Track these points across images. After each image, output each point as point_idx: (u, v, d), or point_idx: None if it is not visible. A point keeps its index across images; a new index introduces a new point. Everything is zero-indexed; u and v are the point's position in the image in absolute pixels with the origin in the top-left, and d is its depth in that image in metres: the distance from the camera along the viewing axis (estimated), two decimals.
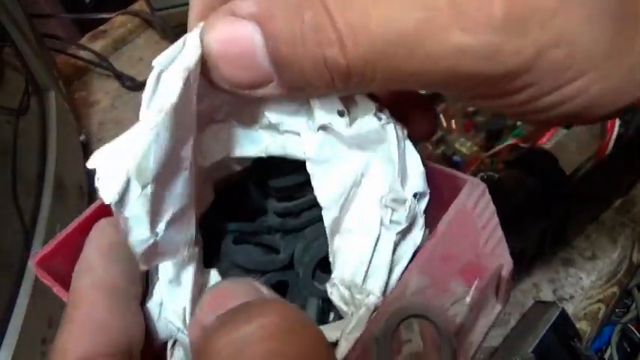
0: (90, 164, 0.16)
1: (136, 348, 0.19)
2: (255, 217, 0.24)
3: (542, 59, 0.15)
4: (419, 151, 0.21)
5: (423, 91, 0.24)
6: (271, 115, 0.20)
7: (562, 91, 0.16)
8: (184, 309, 0.20)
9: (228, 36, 0.16)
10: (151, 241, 0.17)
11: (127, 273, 0.19)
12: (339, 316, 0.21)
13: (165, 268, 0.20)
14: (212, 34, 0.16)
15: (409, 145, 0.20)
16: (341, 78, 0.16)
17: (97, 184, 0.16)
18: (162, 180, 0.16)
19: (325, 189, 0.20)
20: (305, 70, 0.16)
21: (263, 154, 0.21)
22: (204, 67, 0.17)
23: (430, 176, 0.21)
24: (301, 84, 0.16)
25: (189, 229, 0.19)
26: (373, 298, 0.19)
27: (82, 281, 0.19)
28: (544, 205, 0.40)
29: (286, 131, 0.20)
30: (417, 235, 0.21)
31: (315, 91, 0.17)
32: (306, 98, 0.19)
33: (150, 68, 0.16)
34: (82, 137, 0.65)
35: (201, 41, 0.16)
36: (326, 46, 0.15)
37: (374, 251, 0.20)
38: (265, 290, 0.16)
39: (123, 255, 0.19)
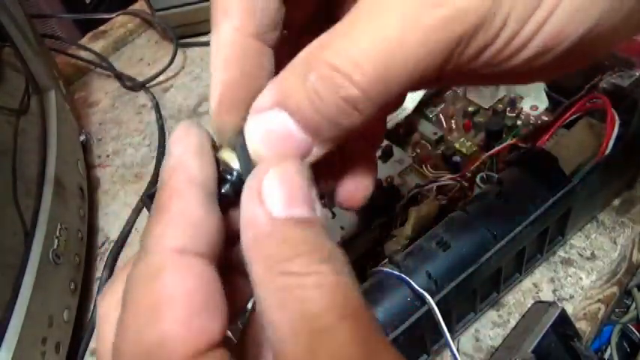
0: None
1: (219, 249, 0.19)
2: None
3: None
4: None
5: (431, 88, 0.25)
6: None
7: (534, 17, 0.17)
8: None
9: (267, 133, 0.19)
10: None
11: (215, 176, 0.20)
12: None
13: None
14: (254, 138, 0.19)
15: None
16: (365, 104, 0.17)
17: None
18: None
19: None
20: (333, 119, 0.18)
21: None
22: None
23: None
24: (337, 131, 0.18)
25: None
26: None
27: (175, 177, 0.19)
28: (544, 205, 0.40)
29: None
30: None
31: (351, 127, 0.18)
32: (347, 139, 0.20)
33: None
34: (82, 137, 0.66)
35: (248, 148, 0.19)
36: (340, 90, 0.17)
37: None
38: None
39: (212, 157, 0.20)
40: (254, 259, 0.17)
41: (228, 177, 0.20)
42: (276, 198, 0.17)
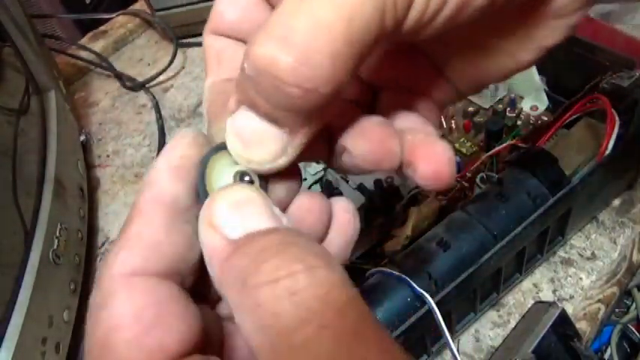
0: None
1: (189, 269, 0.19)
2: None
3: None
4: None
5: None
6: None
7: None
8: None
9: (238, 133, 0.19)
10: None
11: (192, 190, 0.19)
12: None
13: None
14: (229, 139, 0.19)
15: None
16: (304, 76, 0.16)
17: None
18: None
19: None
20: (282, 102, 0.16)
21: None
22: None
23: None
24: (299, 115, 0.17)
25: None
26: None
27: (144, 194, 0.18)
28: (544, 205, 0.40)
29: None
30: None
31: (313, 107, 0.17)
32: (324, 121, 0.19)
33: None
34: (82, 137, 0.65)
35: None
36: (270, 69, 0.16)
37: None
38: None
39: (192, 172, 0.19)
40: (225, 285, 0.16)
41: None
42: (228, 221, 0.17)
